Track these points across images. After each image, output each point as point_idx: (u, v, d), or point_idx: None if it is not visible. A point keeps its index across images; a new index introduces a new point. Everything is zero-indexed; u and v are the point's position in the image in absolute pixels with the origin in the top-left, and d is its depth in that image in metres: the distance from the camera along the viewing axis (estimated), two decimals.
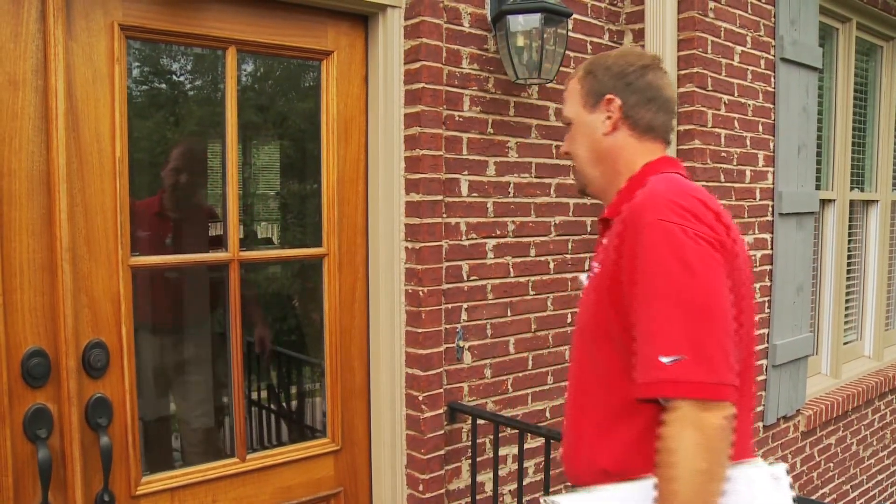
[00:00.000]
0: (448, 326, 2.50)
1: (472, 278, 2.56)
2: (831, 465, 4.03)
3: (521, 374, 2.74)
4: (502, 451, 2.68)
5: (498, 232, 2.63)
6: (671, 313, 1.11)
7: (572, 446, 1.36)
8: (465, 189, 2.52)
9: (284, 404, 2.81)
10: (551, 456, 2.37)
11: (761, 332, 3.42)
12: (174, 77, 2.45)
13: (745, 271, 1.26)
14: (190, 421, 2.57)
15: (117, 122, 1.92)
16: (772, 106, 3.36)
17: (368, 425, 2.52)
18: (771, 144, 3.38)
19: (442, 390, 2.48)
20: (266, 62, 2.49)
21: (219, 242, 2.36)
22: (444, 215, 2.46)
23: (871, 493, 4.44)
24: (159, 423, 2.53)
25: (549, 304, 2.81)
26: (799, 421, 3.71)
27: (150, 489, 2.06)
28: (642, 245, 1.16)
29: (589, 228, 2.94)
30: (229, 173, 2.20)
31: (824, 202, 4.03)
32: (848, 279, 4.32)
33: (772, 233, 3.42)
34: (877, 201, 4.53)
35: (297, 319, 2.83)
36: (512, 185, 2.66)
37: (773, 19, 3.33)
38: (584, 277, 1.44)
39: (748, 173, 3.26)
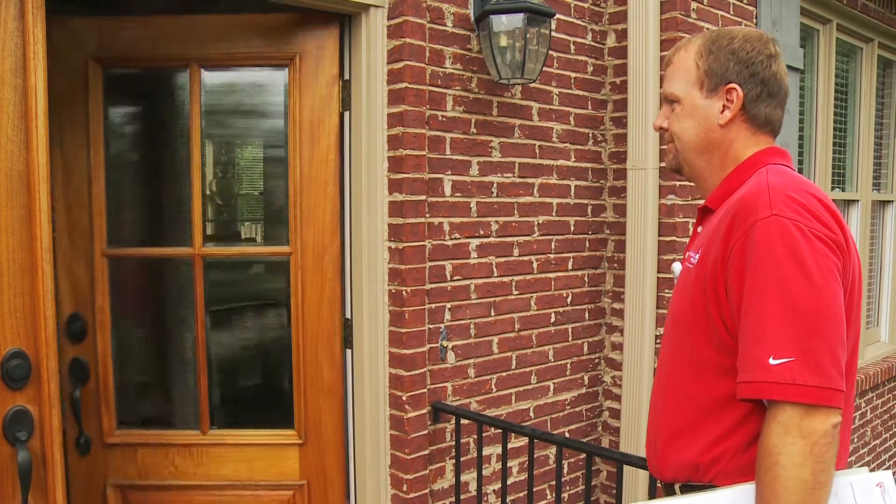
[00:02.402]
0: (432, 326, 2.52)
1: (455, 278, 2.58)
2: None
3: (504, 374, 2.77)
4: (486, 451, 2.70)
5: (481, 232, 2.65)
6: (781, 314, 1.08)
7: (659, 439, 1.32)
8: (448, 189, 2.54)
9: (253, 392, 2.86)
10: (535, 455, 2.40)
11: None
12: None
13: (856, 270, 1.22)
14: (163, 395, 2.73)
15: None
16: None
17: (343, 424, 2.54)
18: None
19: (426, 390, 2.50)
20: (231, 73, 2.56)
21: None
22: (428, 215, 2.48)
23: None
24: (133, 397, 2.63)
25: (532, 303, 2.84)
26: None
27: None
28: (754, 240, 1.11)
29: (572, 228, 2.97)
30: (193, 174, 2.39)
31: None
32: None
33: None
34: (857, 201, 4.60)
35: (276, 316, 2.86)
36: (495, 184, 2.68)
37: (755, 20, 3.38)
38: (677, 266, 1.41)
39: None
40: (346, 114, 2.51)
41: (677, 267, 1.39)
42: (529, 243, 2.82)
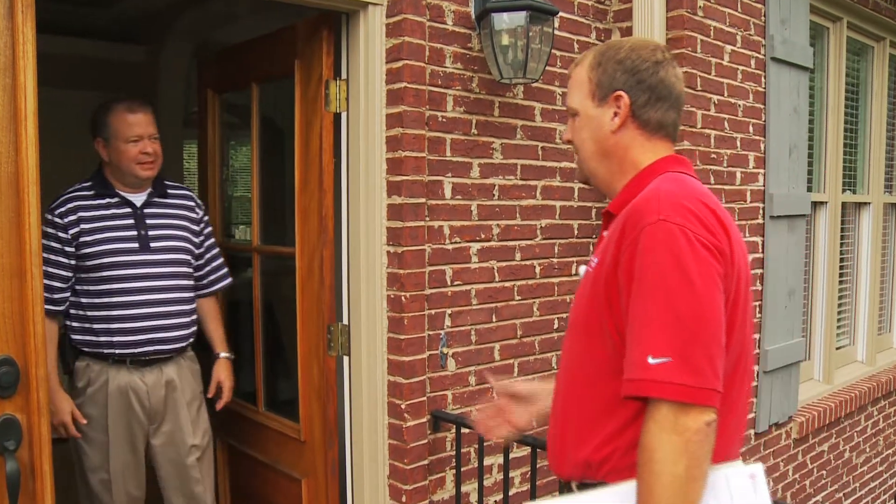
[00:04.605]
0: (431, 333, 2.52)
1: (456, 283, 2.58)
2: (824, 472, 4.08)
3: (506, 382, 2.76)
4: (487, 461, 2.69)
5: (482, 235, 2.65)
6: (662, 317, 1.16)
7: (558, 438, 1.40)
8: (448, 191, 2.54)
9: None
10: (538, 465, 2.39)
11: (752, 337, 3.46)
12: None
13: (743, 277, 1.29)
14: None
15: None
16: (762, 106, 3.41)
17: (325, 431, 2.55)
18: (762, 145, 3.43)
19: (425, 398, 2.50)
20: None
21: None
22: (427, 218, 2.48)
23: (864, 501, 4.50)
24: None
25: (535, 309, 2.84)
26: (791, 428, 3.75)
27: None
28: (642, 244, 1.19)
29: (576, 231, 2.97)
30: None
31: (816, 204, 4.09)
32: (840, 283, 4.38)
33: (763, 236, 3.46)
34: (869, 203, 4.59)
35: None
36: (497, 187, 2.68)
37: (763, 18, 3.38)
38: (582, 270, 1.47)
39: (738, 175, 3.31)
40: (344, 114, 2.51)
41: (583, 270, 1.46)
42: (532, 247, 2.81)
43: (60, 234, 2.36)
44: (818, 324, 4.22)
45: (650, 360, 1.15)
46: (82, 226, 2.38)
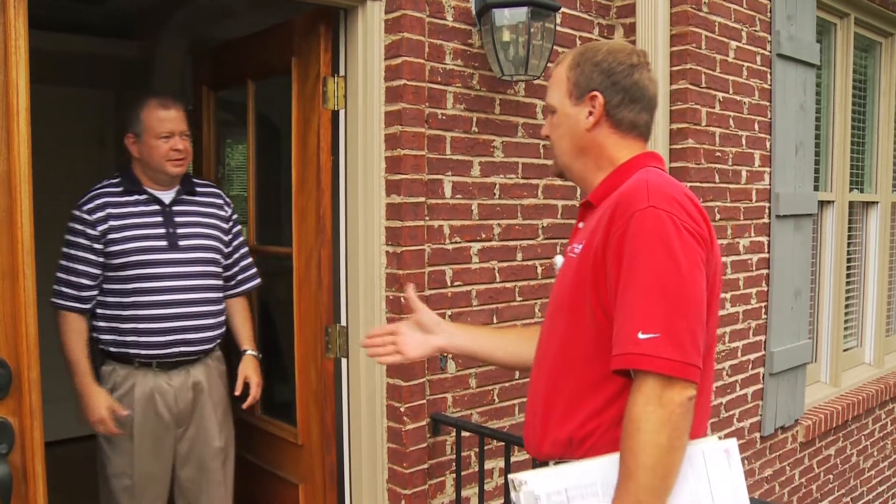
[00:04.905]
0: None
1: (456, 284, 2.58)
2: (831, 476, 4.08)
3: (507, 384, 2.76)
4: (488, 465, 2.69)
5: (483, 235, 2.65)
6: (651, 296, 1.26)
7: (538, 417, 1.48)
8: (448, 190, 2.54)
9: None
10: None
11: (758, 338, 3.46)
12: None
13: (719, 266, 1.43)
14: None
15: None
16: (768, 103, 3.41)
17: (323, 435, 2.56)
18: (767, 144, 3.43)
19: (425, 401, 2.50)
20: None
21: None
22: (427, 218, 2.48)
23: None
24: None
25: (536, 310, 2.84)
26: (797, 431, 3.76)
27: None
28: (632, 228, 1.29)
29: None
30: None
31: (823, 203, 4.09)
32: (847, 283, 4.38)
33: (768, 236, 3.47)
34: (877, 203, 4.60)
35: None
36: (498, 186, 2.68)
37: (769, 14, 3.38)
38: (558, 260, 1.60)
39: (744, 174, 3.31)
40: (342, 112, 2.51)
41: (559, 260, 1.58)
42: (534, 247, 2.82)
43: (89, 231, 2.34)
44: (825, 325, 4.22)
45: (640, 336, 1.25)
46: (111, 223, 2.37)
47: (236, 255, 2.65)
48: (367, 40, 2.41)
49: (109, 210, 2.38)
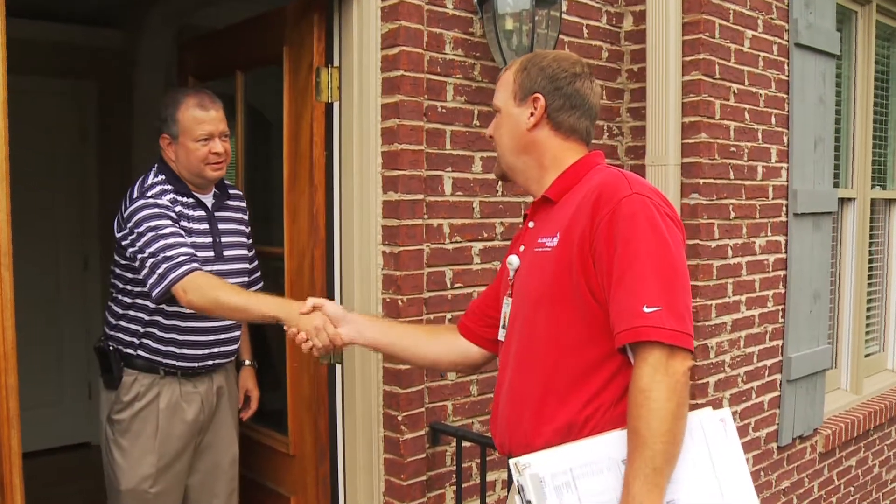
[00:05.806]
0: None
1: (456, 286, 2.58)
2: (851, 489, 4.08)
3: None
4: (490, 476, 2.69)
5: (485, 234, 2.65)
6: (649, 272, 1.41)
7: (531, 415, 1.56)
8: (448, 187, 2.54)
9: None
10: None
11: (774, 343, 3.46)
12: None
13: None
14: None
15: None
16: (785, 96, 3.41)
17: (316, 445, 2.56)
18: (785, 138, 3.43)
19: (423, 409, 2.50)
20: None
21: None
22: (426, 216, 2.48)
23: None
24: None
25: None
26: (816, 441, 3.75)
27: None
28: (621, 213, 1.44)
29: None
30: None
31: (843, 201, 4.09)
32: (869, 285, 4.38)
33: (786, 235, 3.46)
34: None
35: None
36: (500, 182, 2.68)
37: (786, 1, 3.38)
38: (514, 259, 1.71)
39: (760, 169, 3.31)
40: (336, 104, 2.51)
41: (515, 259, 1.70)
42: None
43: (170, 214, 2.27)
44: (845, 329, 4.22)
45: (645, 309, 1.38)
46: (181, 223, 2.30)
47: (255, 262, 2.65)
48: (362, 29, 2.41)
49: (179, 207, 2.32)
